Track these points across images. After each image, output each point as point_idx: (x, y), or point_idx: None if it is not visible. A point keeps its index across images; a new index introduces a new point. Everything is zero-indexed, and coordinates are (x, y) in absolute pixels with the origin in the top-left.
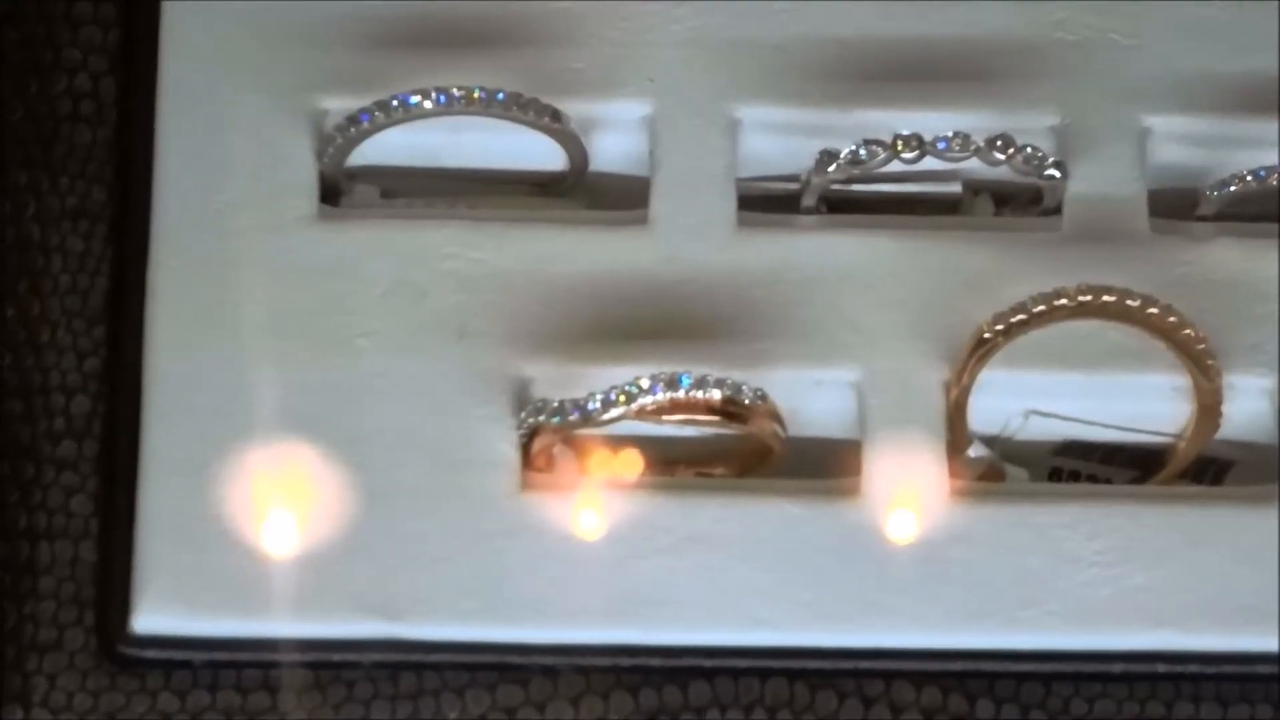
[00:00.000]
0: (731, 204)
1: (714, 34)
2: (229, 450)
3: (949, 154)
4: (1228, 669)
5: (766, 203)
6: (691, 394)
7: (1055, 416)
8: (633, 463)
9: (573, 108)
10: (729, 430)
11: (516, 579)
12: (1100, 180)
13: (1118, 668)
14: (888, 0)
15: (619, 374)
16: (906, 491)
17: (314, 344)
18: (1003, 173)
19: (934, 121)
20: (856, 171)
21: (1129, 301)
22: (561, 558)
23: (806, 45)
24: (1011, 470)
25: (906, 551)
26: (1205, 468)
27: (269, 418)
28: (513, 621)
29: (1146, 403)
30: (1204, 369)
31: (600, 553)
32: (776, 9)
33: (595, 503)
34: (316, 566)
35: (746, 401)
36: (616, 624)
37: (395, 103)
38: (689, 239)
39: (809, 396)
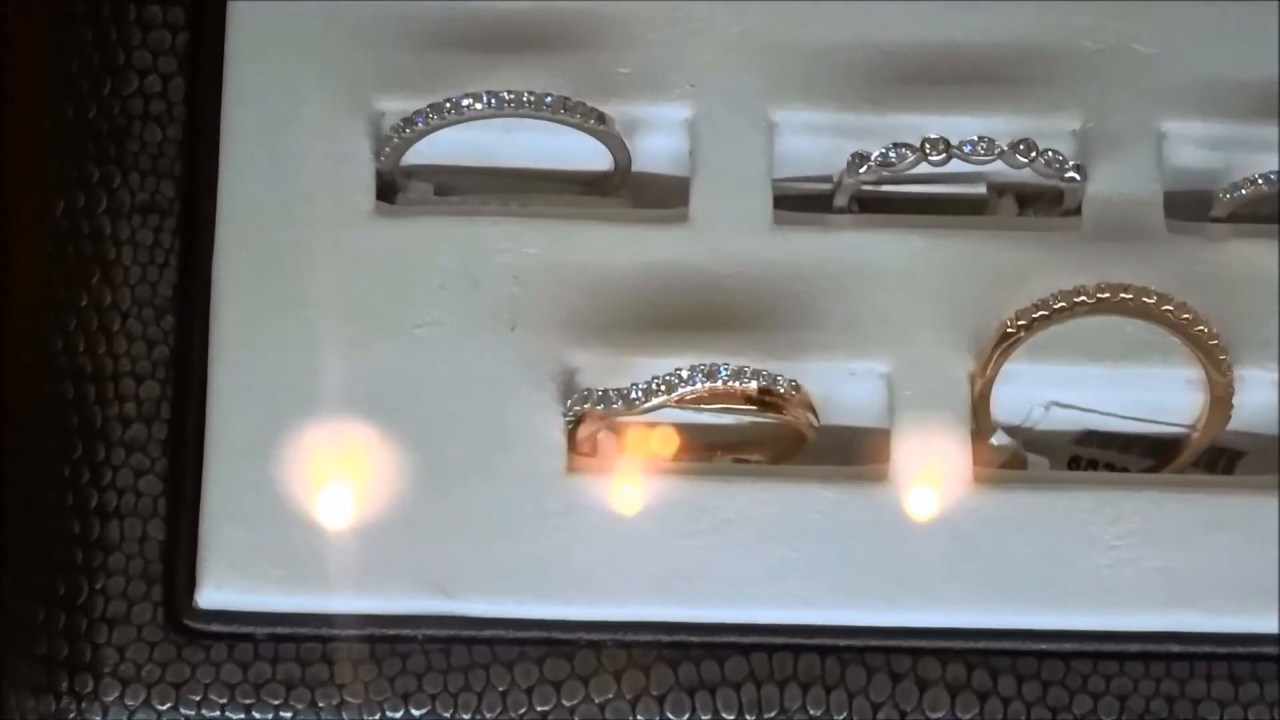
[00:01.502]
0: (768, 203)
1: (753, 39)
2: (291, 433)
3: (974, 157)
4: (1239, 649)
5: (801, 202)
6: (729, 384)
7: (1075, 408)
8: (673, 448)
9: (618, 109)
10: (765, 418)
11: (563, 558)
12: (1119, 182)
13: (1134, 647)
14: (920, 2)
15: (661, 364)
16: (934, 477)
17: (374, 333)
18: (1026, 175)
19: (963, 124)
20: (886, 173)
21: (1145, 298)
22: (606, 538)
23: (841, 51)
24: (1033, 458)
25: (933, 534)
26: (1218, 457)
27: (329, 403)
28: (559, 598)
29: (1162, 394)
30: (1216, 363)
31: (643, 533)
32: (813, 16)
33: (638, 486)
34: (373, 544)
35: (781, 391)
36: (658, 601)
37: (448, 105)
38: (727, 236)
39: (842, 386)
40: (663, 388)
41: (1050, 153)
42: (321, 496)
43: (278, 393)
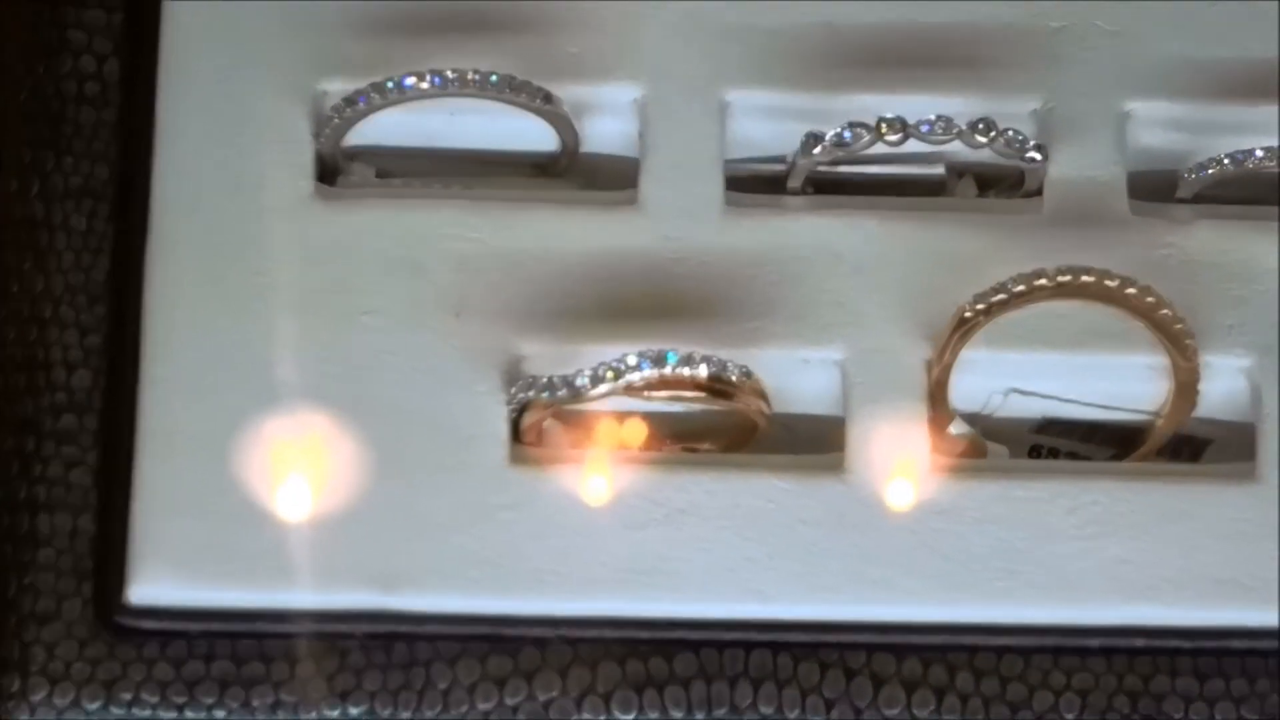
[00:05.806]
0: (719, 186)
1: (705, 19)
2: (226, 425)
3: (932, 136)
4: (1205, 643)
5: (754, 184)
6: (678, 370)
7: (1035, 395)
8: (622, 437)
9: (568, 91)
10: (715, 406)
11: (508, 552)
12: (1081, 164)
13: (1095, 642)
14: None
15: (610, 352)
16: (890, 466)
17: (314, 320)
18: (985, 155)
19: (921, 106)
20: (841, 154)
21: (1107, 282)
22: (551, 531)
23: (795, 31)
24: (992, 447)
25: (890, 525)
26: (1182, 445)
27: (267, 393)
28: (503, 593)
29: (1125, 382)
30: (1181, 348)
31: (590, 526)
32: None
33: (585, 477)
34: (311, 538)
35: (732, 378)
36: (605, 595)
37: (390, 84)
38: (678, 220)
39: (796, 374)
40: (610, 374)
41: (1010, 132)
42: (258, 489)
43: (213, 382)
